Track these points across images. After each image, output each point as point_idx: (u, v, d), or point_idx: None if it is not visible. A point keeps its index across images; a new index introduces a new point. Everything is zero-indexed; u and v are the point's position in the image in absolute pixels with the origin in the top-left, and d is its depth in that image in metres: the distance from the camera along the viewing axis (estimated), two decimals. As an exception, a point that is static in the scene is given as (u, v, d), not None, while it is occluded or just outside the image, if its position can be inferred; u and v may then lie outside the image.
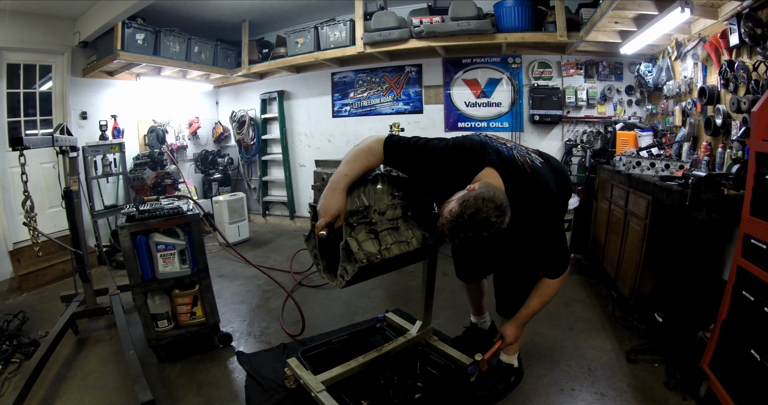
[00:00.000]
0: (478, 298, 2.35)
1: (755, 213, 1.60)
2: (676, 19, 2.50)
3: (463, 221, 1.33)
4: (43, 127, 4.05)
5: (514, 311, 1.85)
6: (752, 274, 1.58)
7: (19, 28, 3.63)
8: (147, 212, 2.23)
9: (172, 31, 4.46)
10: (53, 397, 2.02)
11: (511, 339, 1.79)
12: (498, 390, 1.95)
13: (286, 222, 5.82)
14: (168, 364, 2.29)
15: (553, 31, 3.79)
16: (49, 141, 2.28)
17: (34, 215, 2.13)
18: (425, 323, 2.23)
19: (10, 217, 3.68)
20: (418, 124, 4.79)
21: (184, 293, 2.37)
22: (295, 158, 5.72)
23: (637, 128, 3.59)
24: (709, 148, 2.63)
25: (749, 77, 2.22)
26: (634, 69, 3.88)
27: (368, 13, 4.33)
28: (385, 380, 2.00)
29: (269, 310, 3.00)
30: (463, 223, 1.33)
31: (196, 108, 5.77)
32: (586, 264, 3.75)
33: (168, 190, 4.62)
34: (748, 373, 1.55)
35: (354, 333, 2.37)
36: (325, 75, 5.25)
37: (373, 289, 3.27)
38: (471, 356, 2.22)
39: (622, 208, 2.91)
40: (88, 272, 2.64)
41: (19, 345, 2.44)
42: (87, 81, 4.34)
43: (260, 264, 3.65)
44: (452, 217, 1.36)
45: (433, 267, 2.12)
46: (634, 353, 2.22)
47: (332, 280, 1.76)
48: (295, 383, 1.99)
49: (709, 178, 1.88)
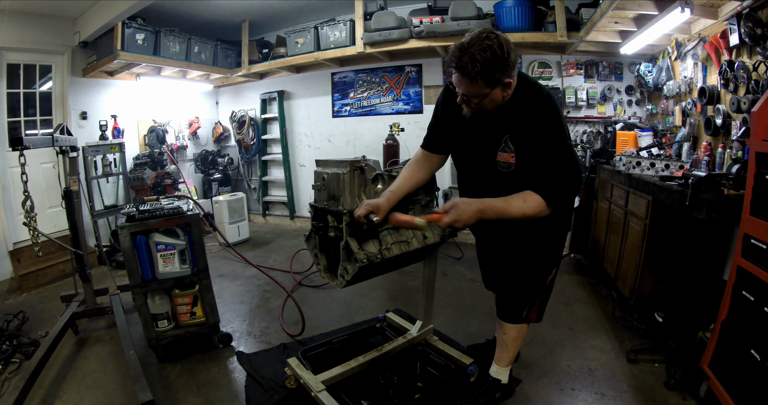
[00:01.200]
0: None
1: (755, 213, 1.60)
2: (676, 19, 2.50)
3: (460, 45, 1.35)
4: (43, 127, 4.05)
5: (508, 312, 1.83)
6: (752, 274, 1.58)
7: (19, 28, 3.63)
8: (147, 212, 2.23)
9: (172, 31, 4.46)
10: (53, 397, 2.02)
11: (462, 220, 1.40)
12: (478, 404, 1.85)
13: (286, 222, 5.82)
14: (168, 364, 2.29)
15: (553, 31, 3.79)
16: (49, 141, 2.28)
17: (34, 215, 2.13)
18: (425, 323, 2.23)
19: (10, 217, 3.68)
20: (418, 124, 4.79)
21: (184, 293, 2.37)
22: (295, 158, 5.72)
23: (637, 128, 3.59)
24: (709, 148, 2.63)
25: (749, 77, 2.22)
26: (634, 69, 3.88)
27: (368, 13, 4.33)
28: (385, 380, 2.00)
29: (269, 310, 3.00)
30: (459, 47, 1.35)
31: (196, 108, 5.78)
32: (586, 264, 3.76)
33: (168, 190, 4.62)
34: (748, 373, 1.55)
35: (354, 333, 2.37)
36: (325, 75, 5.26)
37: (373, 289, 3.27)
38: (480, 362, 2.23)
39: (622, 208, 2.91)
40: (88, 272, 2.63)
41: (19, 345, 2.44)
42: (87, 81, 4.35)
43: (260, 264, 3.65)
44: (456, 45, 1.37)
45: (433, 267, 2.12)
46: (634, 353, 2.22)
47: (332, 279, 1.76)
48: (295, 383, 1.99)
49: (709, 178, 1.88)
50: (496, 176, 1.57)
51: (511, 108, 1.49)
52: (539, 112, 1.47)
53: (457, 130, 1.68)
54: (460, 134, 1.67)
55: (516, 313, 1.82)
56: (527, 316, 1.82)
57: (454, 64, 1.38)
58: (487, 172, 1.60)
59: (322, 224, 1.71)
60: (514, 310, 1.82)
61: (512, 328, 1.86)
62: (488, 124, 1.54)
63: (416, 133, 4.78)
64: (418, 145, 1.87)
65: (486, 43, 1.32)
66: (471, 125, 1.59)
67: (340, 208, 1.63)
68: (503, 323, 1.87)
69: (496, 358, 1.93)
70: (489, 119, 1.53)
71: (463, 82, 1.41)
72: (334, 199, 1.67)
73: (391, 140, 4.36)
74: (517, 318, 1.83)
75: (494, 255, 1.93)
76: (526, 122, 1.47)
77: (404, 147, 4.49)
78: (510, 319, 1.84)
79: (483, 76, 1.35)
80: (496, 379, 1.92)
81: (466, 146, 1.67)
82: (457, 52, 1.36)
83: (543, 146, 1.47)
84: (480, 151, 1.61)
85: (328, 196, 1.70)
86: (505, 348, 1.90)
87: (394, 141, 4.36)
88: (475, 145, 1.62)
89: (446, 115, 1.70)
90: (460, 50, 1.35)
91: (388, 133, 4.39)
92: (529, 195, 1.45)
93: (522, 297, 1.80)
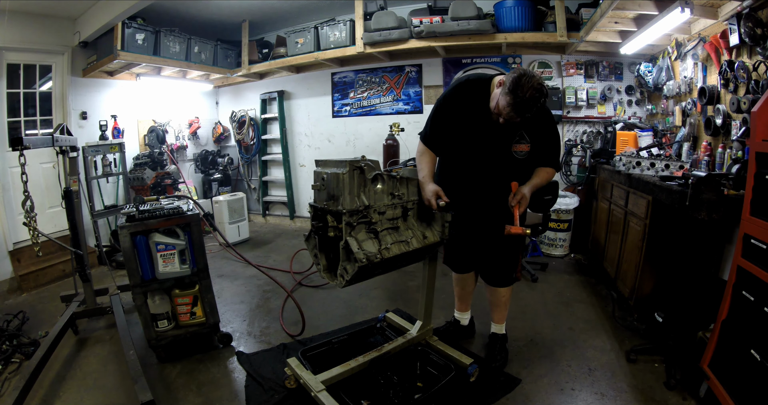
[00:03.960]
0: (470, 292, 2.43)
1: (755, 213, 1.60)
2: (676, 19, 2.50)
3: (522, 96, 1.65)
4: (43, 127, 4.05)
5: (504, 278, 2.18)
6: (752, 274, 1.58)
7: (19, 28, 3.63)
8: (147, 212, 2.23)
9: (172, 31, 4.46)
10: (53, 397, 2.02)
11: (527, 201, 1.88)
12: (505, 356, 2.24)
13: (286, 222, 5.82)
14: (168, 364, 2.29)
15: (553, 31, 3.79)
16: (49, 141, 2.28)
17: (34, 215, 2.13)
18: (425, 323, 2.23)
19: (10, 217, 3.68)
20: (418, 124, 4.78)
21: (184, 293, 2.37)
22: (295, 158, 5.72)
23: (637, 128, 3.59)
24: (709, 148, 2.63)
25: (749, 77, 2.22)
26: (634, 69, 3.88)
27: (368, 13, 4.33)
28: (385, 380, 2.00)
29: (269, 310, 3.00)
30: (522, 98, 1.65)
31: (196, 108, 5.78)
32: (586, 264, 3.75)
33: (168, 190, 4.63)
34: (748, 373, 1.55)
35: (354, 333, 2.37)
36: (325, 75, 5.26)
37: (373, 289, 3.27)
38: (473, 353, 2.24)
39: (622, 208, 2.91)
40: (88, 272, 2.63)
41: (19, 345, 2.44)
42: (87, 81, 4.35)
43: (260, 264, 3.65)
44: (509, 98, 1.67)
45: (433, 267, 2.12)
46: (634, 353, 2.22)
47: (332, 279, 1.76)
48: (295, 383, 1.99)
49: (709, 178, 1.88)
50: (508, 161, 1.96)
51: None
52: (543, 113, 1.91)
53: (471, 131, 1.97)
54: (476, 133, 1.96)
55: (508, 277, 2.20)
56: (515, 276, 2.20)
57: (515, 114, 1.72)
58: (500, 159, 1.97)
59: (321, 224, 1.71)
60: (507, 275, 2.19)
61: (506, 291, 2.24)
62: (507, 125, 1.85)
63: (416, 133, 4.77)
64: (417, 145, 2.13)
65: (535, 92, 1.66)
66: (490, 126, 1.90)
67: (339, 208, 1.63)
68: (496, 289, 2.22)
69: (497, 319, 2.31)
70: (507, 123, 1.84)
71: (516, 118, 1.75)
72: (333, 199, 1.67)
73: (391, 140, 4.36)
74: (509, 281, 2.21)
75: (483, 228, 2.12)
76: (536, 121, 1.89)
77: (404, 147, 4.49)
78: (503, 283, 2.21)
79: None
80: (503, 334, 2.32)
81: (481, 141, 1.97)
82: (517, 104, 1.68)
83: (548, 135, 1.97)
84: (496, 145, 1.95)
85: (327, 196, 1.70)
86: (504, 308, 2.28)
87: (394, 141, 4.36)
88: (492, 141, 1.95)
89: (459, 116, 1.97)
90: (518, 103, 1.68)
91: (388, 133, 4.39)
92: (547, 170, 1.98)
93: (511, 261, 2.16)
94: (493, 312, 2.31)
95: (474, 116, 1.93)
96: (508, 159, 1.96)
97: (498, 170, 1.98)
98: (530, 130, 1.93)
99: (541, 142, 1.96)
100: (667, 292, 2.43)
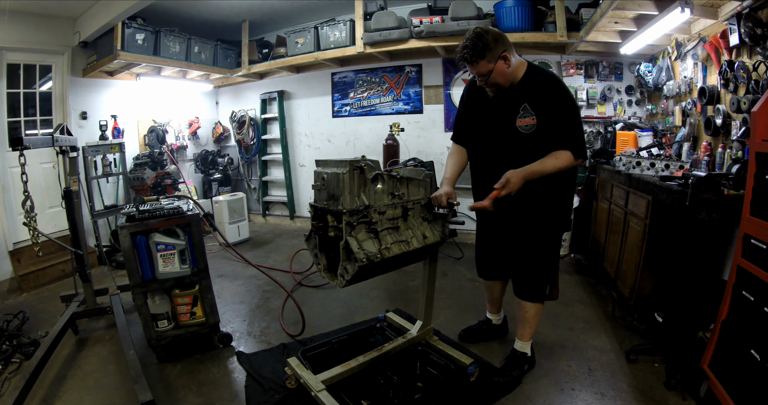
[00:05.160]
0: (499, 298, 2.36)
1: (755, 213, 1.60)
2: (676, 19, 2.50)
3: (462, 42, 1.79)
4: (43, 127, 4.05)
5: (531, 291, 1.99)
6: (752, 274, 1.58)
7: (19, 28, 3.63)
8: (147, 212, 2.23)
9: (172, 31, 4.46)
10: (53, 397, 2.02)
11: (512, 186, 1.69)
12: (513, 377, 2.04)
13: (286, 222, 5.82)
14: (168, 364, 2.29)
15: (553, 31, 3.79)
16: (49, 141, 2.28)
17: (34, 215, 2.13)
18: (425, 323, 2.23)
19: (10, 217, 3.68)
20: (418, 124, 4.79)
21: (184, 293, 2.37)
22: (295, 158, 5.72)
23: (637, 128, 3.59)
24: (709, 148, 2.63)
25: (749, 77, 2.22)
26: (634, 69, 3.88)
27: (368, 13, 4.33)
28: (385, 380, 2.00)
29: (269, 310, 3.00)
30: (462, 43, 1.79)
31: (196, 108, 5.78)
32: (586, 264, 3.76)
33: (168, 190, 4.63)
34: (748, 373, 1.55)
35: (354, 333, 2.37)
36: (325, 75, 5.26)
37: (373, 289, 3.27)
38: (473, 353, 2.24)
39: (622, 208, 2.91)
40: (88, 272, 2.63)
41: (19, 345, 2.44)
42: (87, 81, 4.35)
43: (260, 264, 3.65)
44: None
45: (433, 267, 2.12)
46: (634, 353, 2.22)
47: (332, 279, 1.76)
48: (295, 383, 1.99)
49: (709, 178, 1.88)
50: (515, 139, 1.86)
51: (524, 84, 1.85)
52: (549, 82, 1.82)
53: (479, 113, 2.01)
54: (482, 114, 1.99)
55: (539, 292, 2.00)
56: (550, 294, 2.01)
57: (457, 57, 1.82)
58: (507, 137, 1.88)
59: (322, 224, 1.71)
60: (535, 289, 1.99)
61: (533, 307, 2.03)
62: (507, 99, 1.86)
63: (416, 133, 4.79)
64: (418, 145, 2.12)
65: (470, 35, 1.77)
66: (492, 103, 1.92)
67: (339, 207, 1.63)
68: (523, 302, 2.03)
69: (519, 335, 2.11)
70: (507, 95, 1.87)
71: (471, 68, 1.81)
72: (333, 198, 1.67)
73: (391, 140, 4.36)
74: (539, 296, 2.01)
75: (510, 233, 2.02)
76: (540, 91, 1.80)
77: (404, 147, 4.49)
78: (530, 297, 2.01)
79: (479, 56, 1.76)
80: (523, 353, 2.11)
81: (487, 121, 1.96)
82: (458, 49, 1.82)
83: (557, 106, 1.77)
84: (500, 121, 1.90)
85: (327, 195, 1.70)
86: (528, 324, 2.07)
87: (394, 141, 4.36)
88: (496, 118, 1.92)
89: (470, 103, 2.05)
90: (459, 48, 1.81)
91: (388, 133, 4.39)
92: (559, 153, 1.76)
93: (541, 273, 1.97)
94: (518, 325, 2.13)
95: (478, 101, 2.00)
96: (515, 137, 1.84)
97: (509, 152, 1.86)
98: (534, 102, 1.80)
99: (550, 115, 1.78)
100: (667, 292, 2.42)
